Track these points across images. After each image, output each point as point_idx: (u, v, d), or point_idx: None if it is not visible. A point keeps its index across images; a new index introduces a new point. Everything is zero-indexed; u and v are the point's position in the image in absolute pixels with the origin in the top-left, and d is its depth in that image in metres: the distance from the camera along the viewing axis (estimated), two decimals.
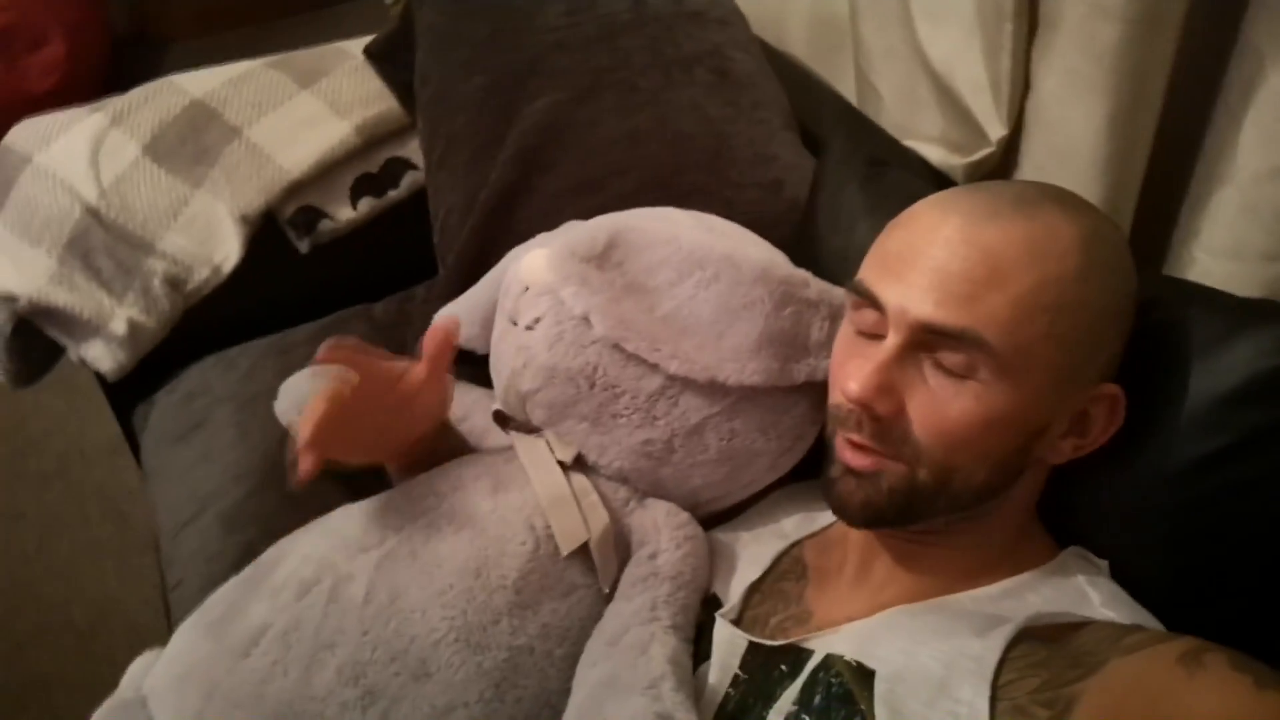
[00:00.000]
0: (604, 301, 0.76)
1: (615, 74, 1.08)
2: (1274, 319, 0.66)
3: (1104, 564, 0.68)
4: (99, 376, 1.16)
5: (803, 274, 0.81)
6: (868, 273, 0.67)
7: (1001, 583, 0.66)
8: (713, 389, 0.77)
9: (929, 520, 0.67)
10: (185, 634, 0.76)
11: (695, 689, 0.68)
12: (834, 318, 0.79)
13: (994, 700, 0.56)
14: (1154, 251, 0.88)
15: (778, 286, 0.78)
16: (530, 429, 0.82)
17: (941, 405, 0.62)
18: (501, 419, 0.84)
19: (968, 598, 0.66)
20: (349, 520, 0.78)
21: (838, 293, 0.80)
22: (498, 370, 0.86)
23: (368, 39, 1.32)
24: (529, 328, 0.80)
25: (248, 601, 0.74)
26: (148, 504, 1.12)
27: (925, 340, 0.62)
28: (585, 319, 0.76)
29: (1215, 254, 0.81)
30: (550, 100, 1.07)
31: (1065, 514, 0.71)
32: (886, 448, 0.64)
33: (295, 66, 1.30)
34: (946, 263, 0.61)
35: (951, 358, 0.62)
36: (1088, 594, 0.65)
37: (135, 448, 1.20)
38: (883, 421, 0.64)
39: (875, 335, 0.66)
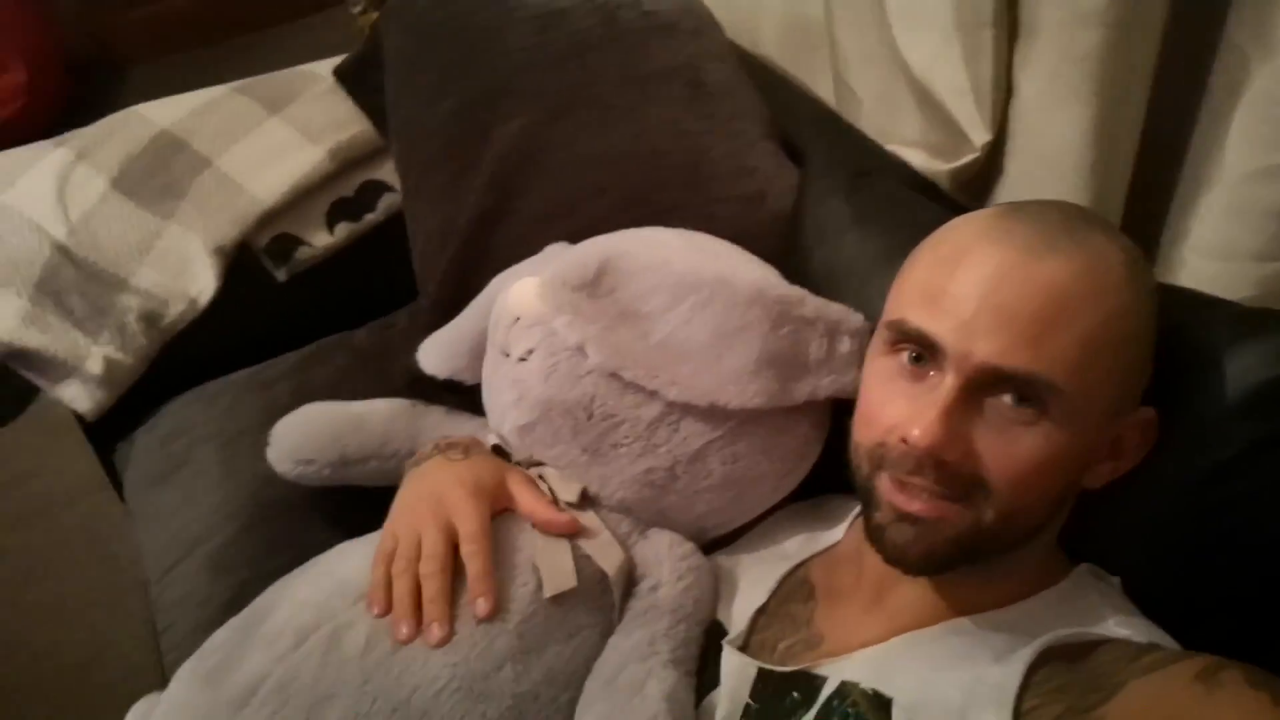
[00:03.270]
0: (598, 331, 0.74)
1: (588, 92, 1.06)
2: (1276, 327, 0.65)
3: (1116, 580, 0.67)
4: (78, 415, 1.14)
5: (798, 291, 0.80)
6: (910, 310, 0.62)
7: (1018, 604, 0.65)
8: (713, 413, 0.75)
9: (987, 559, 0.64)
10: (182, 681, 0.74)
11: None
12: (831, 334, 0.78)
13: None
14: (1143, 254, 0.88)
15: (773, 306, 0.77)
16: (530, 464, 0.80)
17: (1010, 446, 0.59)
18: (500, 454, 0.82)
19: (985, 619, 0.65)
20: (346, 562, 0.76)
21: (834, 309, 0.79)
22: (492, 404, 0.85)
23: (336, 59, 1.30)
24: (522, 359, 0.79)
25: (244, 650, 0.71)
26: (134, 545, 1.09)
27: (987, 382, 0.59)
28: (580, 349, 0.75)
29: (1204, 255, 0.81)
30: (523, 122, 1.05)
31: (1076, 529, 0.70)
32: (952, 490, 0.60)
33: (263, 92, 1.27)
34: (1011, 301, 0.58)
35: (1017, 399, 0.59)
36: (1103, 613, 0.64)
37: (119, 485, 1.18)
38: (949, 466, 0.59)
39: (918, 375, 0.62)
